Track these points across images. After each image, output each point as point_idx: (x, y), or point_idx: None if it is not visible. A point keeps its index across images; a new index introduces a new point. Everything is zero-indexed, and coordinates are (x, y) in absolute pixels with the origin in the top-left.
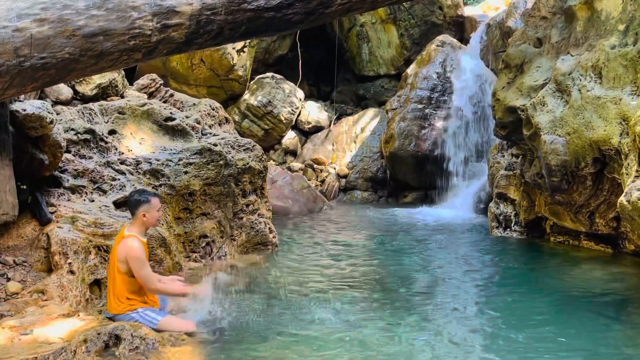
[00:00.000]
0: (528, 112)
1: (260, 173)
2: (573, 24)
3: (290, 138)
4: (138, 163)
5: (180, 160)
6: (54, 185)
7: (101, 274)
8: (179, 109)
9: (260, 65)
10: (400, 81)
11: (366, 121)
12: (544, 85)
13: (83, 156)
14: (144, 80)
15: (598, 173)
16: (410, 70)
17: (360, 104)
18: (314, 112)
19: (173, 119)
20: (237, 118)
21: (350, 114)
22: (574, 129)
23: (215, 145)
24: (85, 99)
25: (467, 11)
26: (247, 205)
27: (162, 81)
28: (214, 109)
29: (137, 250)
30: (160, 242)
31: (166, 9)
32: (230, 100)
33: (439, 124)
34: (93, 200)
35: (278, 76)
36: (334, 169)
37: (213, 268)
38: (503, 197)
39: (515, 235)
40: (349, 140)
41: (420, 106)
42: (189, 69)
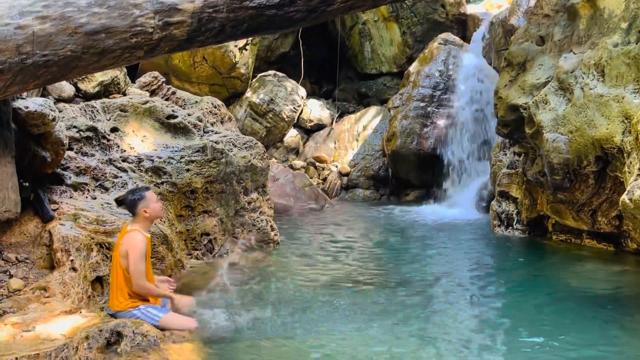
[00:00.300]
0: (530, 110)
1: (262, 171)
2: (576, 22)
3: (292, 136)
4: (140, 161)
5: (182, 158)
6: (56, 183)
7: (103, 271)
8: (181, 106)
9: (262, 63)
10: (402, 79)
11: (368, 119)
12: (546, 83)
13: (85, 154)
14: (146, 77)
15: (600, 171)
16: (412, 68)
17: (363, 102)
18: (316, 110)
19: (175, 117)
20: (239, 116)
21: (352, 112)
22: (576, 127)
23: (217, 143)
24: (88, 97)
25: (470, 9)
26: (249, 203)
27: (164, 79)
28: (215, 107)
29: (139, 243)
30: (162, 240)
31: (168, 6)
32: (232, 98)
33: (441, 122)
34: (95, 198)
35: (280, 74)
36: (336, 167)
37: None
38: (505, 196)
39: (517, 233)
40: (351, 138)
41: (422, 104)
42: (191, 66)
